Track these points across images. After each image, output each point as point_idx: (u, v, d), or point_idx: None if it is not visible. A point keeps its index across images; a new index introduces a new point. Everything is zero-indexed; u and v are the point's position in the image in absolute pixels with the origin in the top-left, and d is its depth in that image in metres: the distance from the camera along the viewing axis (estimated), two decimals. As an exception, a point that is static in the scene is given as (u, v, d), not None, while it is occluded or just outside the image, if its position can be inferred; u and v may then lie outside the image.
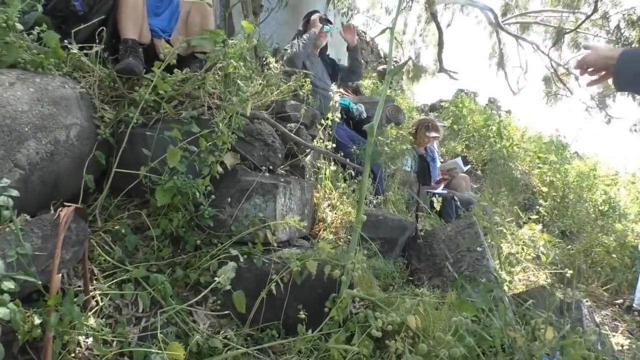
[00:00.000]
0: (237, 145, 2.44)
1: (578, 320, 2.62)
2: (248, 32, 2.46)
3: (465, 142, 7.97)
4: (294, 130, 2.91)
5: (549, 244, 4.26)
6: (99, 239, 1.99)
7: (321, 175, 3.08)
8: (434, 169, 5.35)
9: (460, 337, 1.58)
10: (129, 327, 1.74)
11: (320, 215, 2.94)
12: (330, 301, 1.96)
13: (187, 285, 2.04)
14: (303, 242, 2.57)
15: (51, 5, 2.44)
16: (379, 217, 2.93)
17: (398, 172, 4.12)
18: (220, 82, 2.55)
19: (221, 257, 2.07)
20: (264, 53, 3.49)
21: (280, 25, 5.86)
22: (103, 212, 2.14)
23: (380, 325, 1.80)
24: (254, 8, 4.97)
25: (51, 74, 2.07)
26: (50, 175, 1.87)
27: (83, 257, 1.69)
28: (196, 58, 2.65)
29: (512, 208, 5.46)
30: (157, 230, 2.10)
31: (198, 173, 2.18)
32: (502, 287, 2.20)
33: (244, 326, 2.00)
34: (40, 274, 1.46)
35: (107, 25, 2.49)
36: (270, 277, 2.00)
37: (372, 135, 2.17)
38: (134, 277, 1.87)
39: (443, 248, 2.76)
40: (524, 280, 3.59)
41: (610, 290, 4.69)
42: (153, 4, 2.97)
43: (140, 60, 2.48)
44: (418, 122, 5.47)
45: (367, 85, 8.57)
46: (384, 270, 2.52)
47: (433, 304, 1.98)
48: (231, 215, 2.25)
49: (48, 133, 1.85)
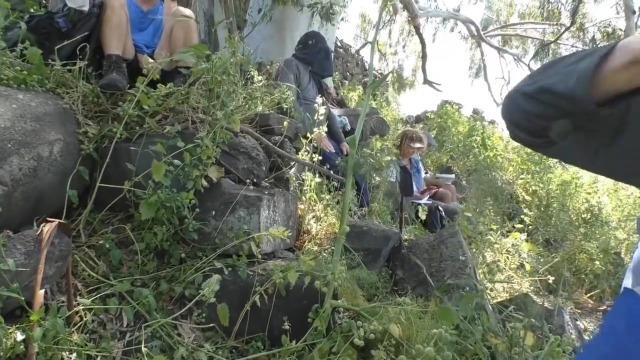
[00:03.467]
0: (221, 159, 2.46)
1: (560, 327, 2.66)
2: (226, 43, 2.49)
3: (450, 153, 8.05)
4: (278, 143, 2.94)
5: (532, 253, 4.31)
6: (83, 254, 2.00)
7: (306, 188, 3.11)
8: (419, 180, 5.41)
9: (440, 349, 1.60)
10: (114, 342, 1.74)
11: (305, 227, 2.96)
12: (313, 312, 1.98)
13: (172, 299, 2.05)
14: (288, 254, 2.59)
15: (35, 22, 2.45)
16: (363, 228, 2.96)
17: (383, 183, 4.16)
18: (204, 97, 2.58)
19: (206, 270, 2.08)
20: (248, 67, 3.52)
21: (265, 40, 5.91)
22: (87, 227, 2.15)
23: (362, 335, 1.82)
24: (238, 22, 5.01)
25: (34, 90, 2.09)
26: (33, 191, 1.87)
27: (67, 273, 1.69)
28: (180, 73, 2.68)
29: (496, 217, 5.52)
30: (141, 245, 2.10)
31: (182, 187, 2.19)
32: (484, 295, 2.23)
33: (229, 339, 2.00)
34: (23, 290, 1.47)
35: (90, 42, 2.51)
36: (255, 289, 2.01)
37: (353, 147, 2.21)
38: (118, 291, 1.88)
39: (426, 258, 2.79)
40: (507, 289, 3.63)
41: (594, 297, 4.74)
42: (137, 19, 3.00)
43: (124, 76, 2.50)
44: (402, 133, 5.53)
45: (353, 98, 8.64)
46: (368, 281, 2.54)
47: (416, 312, 2.00)
48: (216, 228, 2.26)
49: (31, 149, 1.86)
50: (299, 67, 4.32)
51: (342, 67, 11.41)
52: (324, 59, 4.51)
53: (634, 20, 8.33)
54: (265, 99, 3.28)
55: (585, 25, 11.21)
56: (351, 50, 12.30)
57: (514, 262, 3.97)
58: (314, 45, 4.50)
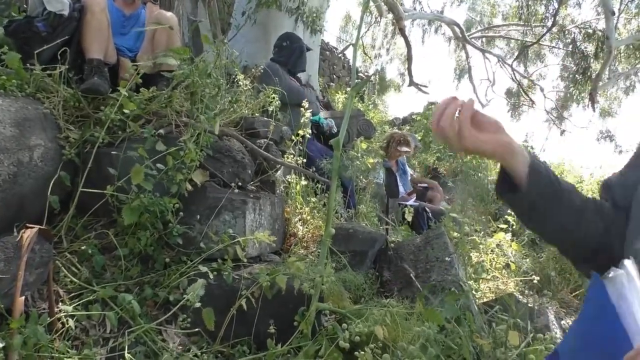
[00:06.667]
0: (206, 163, 2.45)
1: (545, 327, 2.68)
2: (209, 47, 2.49)
3: (436, 155, 8.09)
4: (263, 146, 2.93)
5: (518, 253, 4.34)
6: (65, 260, 1.97)
7: (292, 190, 3.10)
8: (405, 182, 5.42)
9: (424, 347, 1.61)
10: (96, 349, 1.72)
11: (292, 230, 2.96)
12: (299, 315, 1.97)
13: (157, 304, 2.03)
14: (274, 257, 2.58)
15: (14, 27, 2.42)
16: (349, 230, 2.96)
17: (369, 185, 4.16)
18: (187, 100, 2.56)
19: (191, 274, 2.06)
20: (233, 70, 3.51)
21: (250, 43, 5.89)
22: (69, 232, 2.12)
23: (348, 337, 1.82)
24: (222, 26, 5.00)
25: (14, 95, 2.06)
26: (13, 197, 1.85)
27: (48, 279, 1.67)
28: (163, 76, 2.66)
29: (481, 218, 5.55)
30: (124, 250, 2.08)
31: (166, 191, 2.18)
32: (469, 295, 2.24)
33: (214, 343, 1.99)
34: (3, 297, 1.45)
35: (71, 46, 2.49)
36: (241, 293, 2.00)
37: (338, 150, 2.20)
38: (101, 297, 1.85)
39: (412, 259, 2.80)
40: (493, 289, 3.65)
41: (579, 296, 4.78)
42: (119, 23, 2.98)
43: (105, 80, 2.48)
44: (389, 136, 5.54)
45: (339, 100, 8.66)
46: (354, 283, 2.54)
47: (402, 314, 2.00)
48: (200, 233, 2.24)
49: (10, 155, 1.83)
50: (280, 71, 4.35)
51: (328, 70, 11.44)
52: (298, 58, 4.60)
53: (613, 21, 8.46)
54: (249, 103, 3.27)
55: (566, 27, 11.36)
56: (336, 53, 12.33)
57: (499, 262, 3.99)
58: (289, 47, 4.60)
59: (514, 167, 0.93)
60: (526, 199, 0.94)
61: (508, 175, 0.95)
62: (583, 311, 0.76)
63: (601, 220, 0.96)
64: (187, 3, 5.12)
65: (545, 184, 0.94)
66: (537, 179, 0.93)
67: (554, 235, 1.02)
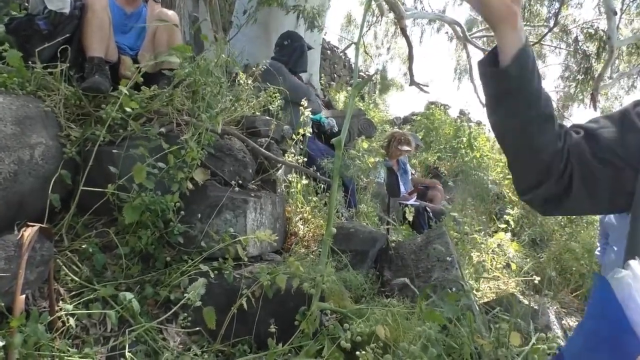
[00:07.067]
0: (207, 161, 2.44)
1: (546, 327, 2.68)
2: (212, 46, 2.48)
3: (437, 154, 8.09)
4: (264, 145, 2.92)
5: (518, 253, 4.34)
6: (66, 258, 1.97)
7: (293, 190, 3.10)
8: (406, 181, 5.42)
9: (424, 347, 1.60)
10: (97, 347, 1.72)
11: (293, 229, 2.95)
12: (300, 314, 1.97)
13: (157, 303, 2.02)
14: (275, 257, 2.57)
15: (15, 25, 2.42)
16: (350, 230, 2.95)
17: (370, 185, 4.16)
18: (188, 99, 2.56)
19: (191, 273, 2.06)
20: (234, 69, 3.50)
21: (251, 41, 5.88)
22: (70, 231, 2.12)
23: (349, 337, 1.81)
24: (223, 24, 4.99)
25: (15, 93, 2.06)
26: (14, 196, 1.84)
27: (48, 277, 1.67)
28: (164, 75, 2.66)
29: (482, 218, 5.55)
30: (125, 249, 2.08)
31: (167, 190, 2.17)
32: (470, 295, 2.23)
33: (215, 342, 1.99)
34: (3, 296, 1.44)
35: (72, 44, 2.48)
36: (241, 292, 2.00)
37: (339, 149, 2.20)
38: (101, 296, 1.85)
39: (413, 259, 2.79)
40: (494, 289, 3.64)
41: (579, 296, 4.78)
42: (120, 21, 2.97)
43: (106, 78, 2.47)
44: (390, 135, 5.54)
45: (340, 99, 8.66)
46: (355, 282, 2.54)
47: (403, 314, 2.00)
48: (201, 231, 2.24)
49: (11, 153, 1.83)
50: (284, 69, 4.35)
51: (329, 69, 11.43)
52: (299, 57, 4.59)
53: (615, 21, 8.45)
54: (251, 101, 3.26)
55: (568, 27, 11.34)
56: (338, 52, 12.32)
57: (500, 262, 3.99)
58: (289, 46, 4.58)
59: (506, 42, 0.90)
60: (504, 78, 0.92)
61: (496, 54, 0.93)
62: (588, 312, 0.76)
63: (560, 142, 0.93)
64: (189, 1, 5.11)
65: (528, 74, 0.91)
66: (522, 64, 0.90)
67: (515, 135, 0.96)
